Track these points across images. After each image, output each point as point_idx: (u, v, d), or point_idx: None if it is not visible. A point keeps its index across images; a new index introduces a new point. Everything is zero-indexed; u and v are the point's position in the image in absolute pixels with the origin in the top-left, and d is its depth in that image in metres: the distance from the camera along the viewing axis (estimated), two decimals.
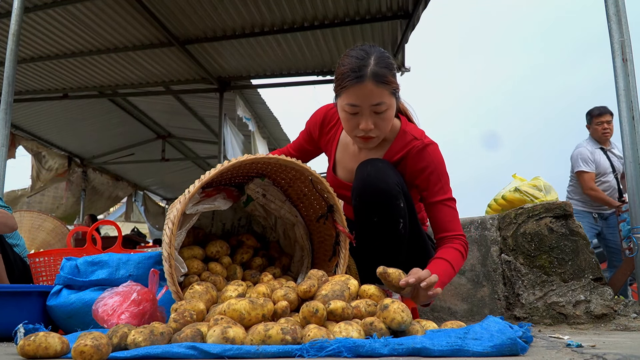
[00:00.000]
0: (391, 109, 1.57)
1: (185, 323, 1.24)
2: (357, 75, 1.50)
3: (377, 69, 1.50)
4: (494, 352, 1.01)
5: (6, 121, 2.91)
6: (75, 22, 4.59)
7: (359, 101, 1.52)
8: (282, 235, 1.90)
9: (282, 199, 1.81)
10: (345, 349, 1.02)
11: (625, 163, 2.02)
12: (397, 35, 4.81)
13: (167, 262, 1.39)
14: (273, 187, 1.80)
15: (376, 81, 1.50)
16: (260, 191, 1.77)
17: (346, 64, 1.53)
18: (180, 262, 1.52)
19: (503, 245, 2.18)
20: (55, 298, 1.66)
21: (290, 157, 1.72)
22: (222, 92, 5.90)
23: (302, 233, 1.81)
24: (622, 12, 2.08)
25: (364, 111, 1.54)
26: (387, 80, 1.52)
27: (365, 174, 1.58)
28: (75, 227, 2.19)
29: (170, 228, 1.40)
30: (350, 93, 1.52)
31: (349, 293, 1.31)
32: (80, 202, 8.36)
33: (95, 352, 1.01)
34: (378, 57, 1.53)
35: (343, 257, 1.66)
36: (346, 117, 1.57)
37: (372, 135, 1.58)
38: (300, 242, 1.82)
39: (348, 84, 1.51)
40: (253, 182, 1.75)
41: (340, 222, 1.66)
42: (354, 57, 1.54)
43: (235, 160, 1.49)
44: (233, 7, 4.39)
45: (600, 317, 1.94)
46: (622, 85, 2.04)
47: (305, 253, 1.81)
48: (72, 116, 6.91)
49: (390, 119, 1.59)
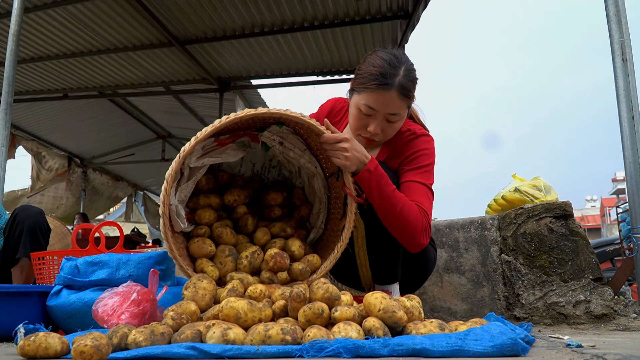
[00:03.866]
0: (402, 120, 1.60)
1: (181, 323, 1.25)
2: (386, 82, 1.50)
3: (404, 81, 1.52)
4: (494, 352, 1.01)
5: (6, 121, 2.91)
6: (75, 22, 4.58)
7: (378, 106, 1.53)
8: (307, 182, 1.81)
9: (302, 147, 1.70)
10: (344, 349, 1.02)
11: (625, 163, 2.02)
12: (397, 35, 4.80)
13: (162, 220, 1.41)
14: (292, 135, 1.69)
15: (401, 93, 1.51)
16: (277, 139, 1.68)
17: (377, 66, 1.52)
18: (181, 217, 1.51)
19: (503, 245, 2.18)
20: (55, 298, 1.66)
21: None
22: (222, 92, 5.90)
23: (321, 186, 1.74)
24: (622, 12, 2.08)
25: (378, 116, 1.54)
26: (410, 94, 1.55)
27: None
28: (80, 225, 2.18)
29: (165, 187, 1.40)
30: (372, 96, 1.52)
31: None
32: (80, 202, 8.36)
33: (95, 352, 1.01)
34: (407, 69, 1.54)
35: (349, 221, 1.59)
36: (358, 115, 1.58)
37: (376, 139, 1.59)
38: (319, 194, 1.75)
39: (373, 86, 1.51)
40: (269, 130, 1.66)
41: (348, 184, 1.57)
42: (386, 61, 1.53)
43: (234, 115, 1.43)
44: (233, 7, 4.39)
45: (600, 317, 1.94)
46: (622, 85, 2.04)
47: (322, 207, 1.75)
48: (72, 116, 6.91)
49: (398, 128, 1.61)
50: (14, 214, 2.46)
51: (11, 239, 2.42)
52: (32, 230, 2.40)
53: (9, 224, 2.44)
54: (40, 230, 2.44)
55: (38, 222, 2.44)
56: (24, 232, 2.39)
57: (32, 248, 2.36)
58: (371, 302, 1.24)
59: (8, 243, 2.43)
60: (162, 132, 7.82)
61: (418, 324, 1.23)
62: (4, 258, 2.43)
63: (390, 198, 1.47)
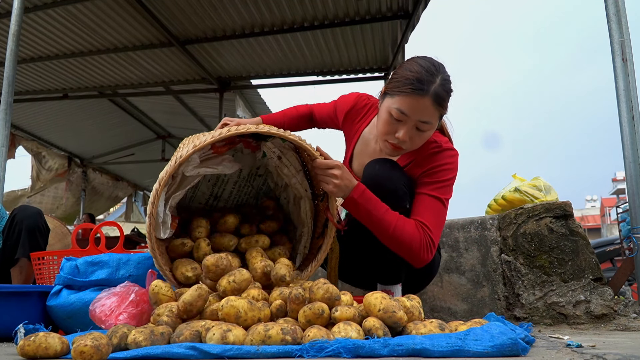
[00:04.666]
0: (432, 130, 1.56)
1: (177, 322, 1.25)
2: (422, 87, 1.48)
3: (440, 90, 1.50)
4: (494, 353, 1.01)
5: (6, 121, 2.91)
6: (75, 22, 4.58)
7: (410, 112, 1.50)
8: (292, 201, 1.83)
9: (297, 167, 1.73)
10: (344, 349, 1.02)
11: (625, 163, 2.02)
12: (397, 35, 4.80)
13: (148, 219, 1.43)
14: (292, 152, 1.72)
15: (435, 101, 1.49)
16: (277, 152, 1.70)
17: (414, 71, 1.51)
18: (166, 225, 1.51)
19: (503, 245, 2.18)
20: (55, 298, 1.66)
21: (309, 118, 1.82)
22: (222, 92, 5.90)
23: (308, 209, 1.75)
24: (622, 12, 2.08)
25: (409, 123, 1.51)
26: (444, 104, 1.53)
27: (374, 173, 1.58)
28: (80, 225, 2.18)
29: (156, 188, 1.42)
30: (406, 100, 1.50)
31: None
32: (80, 202, 8.36)
33: (95, 352, 1.01)
34: (444, 78, 1.53)
35: (326, 243, 1.66)
36: (388, 120, 1.54)
37: (403, 146, 1.56)
38: (304, 218, 1.76)
39: (408, 90, 1.49)
40: (272, 141, 1.68)
41: (331, 209, 1.64)
42: (424, 67, 1.51)
43: (235, 129, 1.45)
44: (233, 7, 4.39)
45: (600, 317, 1.94)
46: (622, 85, 2.04)
47: (305, 230, 1.77)
48: (72, 116, 6.91)
49: (427, 138, 1.58)
50: (12, 214, 2.46)
51: (10, 239, 2.42)
52: (31, 230, 2.40)
53: (8, 224, 2.44)
54: (39, 231, 2.44)
55: (37, 222, 2.44)
56: (22, 232, 2.39)
57: (31, 248, 2.36)
58: (371, 302, 1.24)
59: (7, 243, 2.43)
60: (162, 132, 7.82)
61: (418, 324, 1.23)
62: (3, 258, 2.43)
63: (380, 221, 1.49)
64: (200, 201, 1.87)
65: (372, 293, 1.27)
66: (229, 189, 1.88)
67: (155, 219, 1.46)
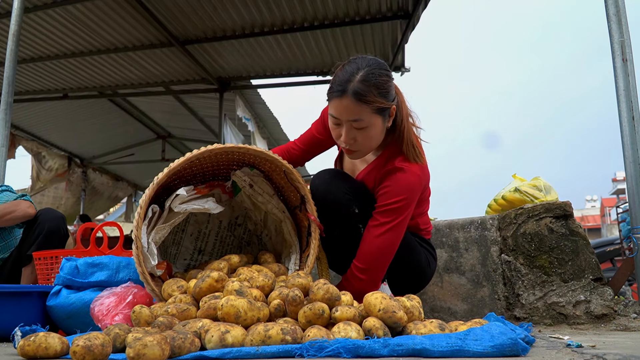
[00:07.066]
0: (374, 127, 1.55)
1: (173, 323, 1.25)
2: (339, 89, 1.51)
3: (359, 86, 1.49)
4: (494, 353, 1.01)
5: (6, 121, 2.91)
6: (75, 22, 4.58)
7: (338, 114, 1.54)
8: (274, 231, 1.87)
9: (270, 192, 1.78)
10: (344, 349, 1.02)
11: (625, 163, 2.02)
12: (397, 35, 4.80)
13: (135, 244, 1.45)
14: (262, 179, 1.77)
15: (355, 98, 1.49)
16: (248, 180, 1.75)
17: (337, 75, 1.56)
18: (153, 255, 1.53)
19: (503, 245, 2.18)
20: (55, 298, 1.66)
21: (297, 152, 1.79)
22: (222, 92, 5.90)
23: (290, 228, 1.80)
24: (622, 12, 2.08)
25: (344, 125, 1.55)
26: (367, 99, 1.49)
27: (314, 188, 1.67)
28: (83, 225, 2.18)
29: (135, 226, 1.46)
30: (333, 105, 1.55)
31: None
32: (80, 202, 8.36)
33: (86, 353, 1.01)
34: (367, 73, 1.51)
35: (313, 249, 1.69)
36: (331, 125, 1.60)
37: (352, 149, 1.59)
38: (289, 238, 1.80)
39: (331, 95, 1.55)
40: (241, 170, 1.74)
41: (311, 212, 1.67)
42: (345, 69, 1.55)
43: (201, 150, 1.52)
44: (233, 7, 4.39)
45: (600, 317, 1.94)
46: (622, 85, 2.04)
47: (293, 249, 1.80)
48: (72, 116, 6.91)
49: (373, 137, 1.57)
50: (37, 215, 2.49)
51: (29, 238, 2.44)
52: (51, 232, 2.43)
53: (30, 223, 2.47)
54: (58, 235, 2.46)
55: (59, 226, 2.47)
56: (42, 233, 2.41)
57: (46, 250, 2.38)
58: (371, 302, 1.24)
59: (26, 241, 2.45)
60: (162, 132, 7.82)
61: (418, 324, 1.23)
62: (19, 255, 2.47)
63: (357, 292, 1.52)
64: (185, 257, 1.90)
65: (372, 293, 1.27)
66: (211, 242, 1.93)
67: (142, 251, 1.49)
